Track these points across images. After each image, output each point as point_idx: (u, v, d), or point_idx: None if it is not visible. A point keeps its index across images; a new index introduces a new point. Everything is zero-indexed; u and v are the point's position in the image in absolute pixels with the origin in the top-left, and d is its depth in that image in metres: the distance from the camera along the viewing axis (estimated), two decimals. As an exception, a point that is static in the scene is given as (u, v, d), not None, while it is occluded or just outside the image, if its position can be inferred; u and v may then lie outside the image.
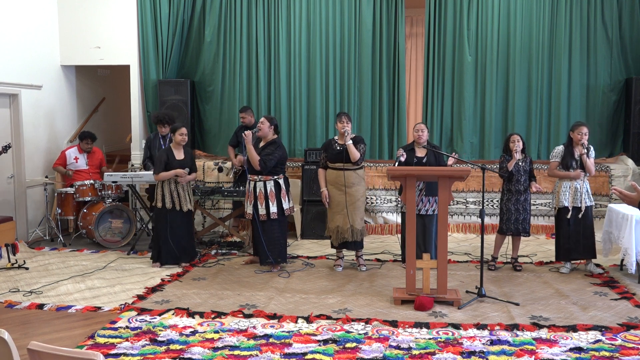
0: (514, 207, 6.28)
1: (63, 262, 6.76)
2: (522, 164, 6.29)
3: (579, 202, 6.06)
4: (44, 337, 4.42)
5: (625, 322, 4.71)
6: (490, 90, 8.35)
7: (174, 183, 6.42)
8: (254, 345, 4.27)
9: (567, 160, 6.09)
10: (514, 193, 6.28)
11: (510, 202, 6.29)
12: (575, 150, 6.08)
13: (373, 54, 8.49)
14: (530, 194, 6.36)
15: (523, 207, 6.28)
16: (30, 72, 7.98)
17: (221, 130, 8.74)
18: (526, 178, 6.29)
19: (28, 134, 7.89)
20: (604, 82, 8.26)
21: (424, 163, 6.23)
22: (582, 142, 6.00)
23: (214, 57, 8.72)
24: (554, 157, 6.21)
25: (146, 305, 5.18)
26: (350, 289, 5.66)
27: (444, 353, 4.12)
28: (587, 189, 6.11)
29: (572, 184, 6.08)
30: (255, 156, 6.16)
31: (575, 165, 6.07)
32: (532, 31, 8.26)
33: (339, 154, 6.21)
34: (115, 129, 10.26)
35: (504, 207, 6.34)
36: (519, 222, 6.28)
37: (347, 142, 6.11)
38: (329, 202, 6.31)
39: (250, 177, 6.29)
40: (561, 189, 6.13)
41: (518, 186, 6.27)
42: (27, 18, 7.96)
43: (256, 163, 6.15)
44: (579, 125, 6.08)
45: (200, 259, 6.78)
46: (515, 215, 6.28)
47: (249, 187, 6.33)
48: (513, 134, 6.40)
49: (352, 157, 6.14)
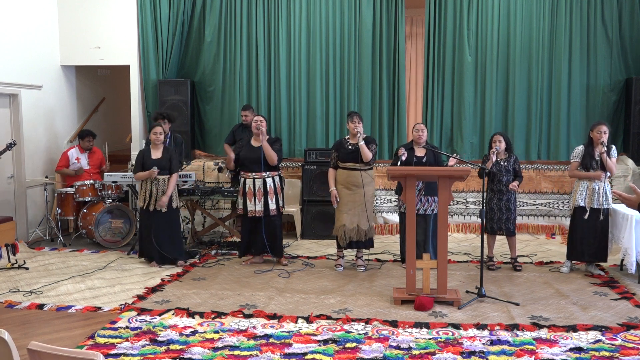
0: (496, 207, 6.26)
1: (63, 262, 6.77)
2: (504, 163, 6.27)
3: (596, 204, 5.99)
4: (44, 337, 4.42)
5: (625, 322, 4.71)
6: (490, 90, 8.35)
7: (149, 182, 6.41)
8: (254, 345, 4.27)
9: (587, 160, 6.01)
10: (496, 192, 6.27)
11: (492, 202, 6.29)
12: (595, 150, 6.01)
13: (373, 54, 8.49)
14: (514, 193, 6.33)
15: (506, 206, 6.25)
16: (30, 72, 7.98)
17: (222, 130, 8.74)
18: (509, 178, 6.27)
19: (28, 134, 7.89)
20: (604, 82, 8.25)
21: (424, 163, 6.23)
22: (601, 140, 5.92)
23: (214, 57, 8.72)
24: (574, 157, 6.15)
25: (146, 306, 5.18)
26: (351, 289, 5.66)
27: (444, 353, 4.12)
28: (606, 191, 5.99)
29: (590, 184, 6.02)
30: (272, 153, 6.27)
31: (595, 166, 6.00)
32: (532, 31, 8.26)
33: (350, 154, 6.21)
34: (115, 129, 10.25)
35: (487, 207, 6.33)
36: (502, 221, 6.26)
37: (360, 143, 6.11)
38: (337, 201, 6.29)
39: (245, 175, 6.35)
40: (578, 189, 6.08)
41: (500, 186, 6.25)
42: (27, 18, 7.96)
43: (274, 159, 6.29)
44: (598, 124, 6.00)
45: (200, 259, 6.77)
46: (498, 214, 6.26)
47: (245, 185, 6.35)
48: (495, 134, 6.39)
49: (365, 158, 6.13)
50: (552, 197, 8.10)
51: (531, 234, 8.12)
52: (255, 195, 6.33)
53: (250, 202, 6.34)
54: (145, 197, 6.42)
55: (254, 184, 6.34)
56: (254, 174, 6.35)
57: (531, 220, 8.15)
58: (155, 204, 6.38)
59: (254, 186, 6.33)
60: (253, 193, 6.34)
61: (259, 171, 6.34)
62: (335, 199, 6.26)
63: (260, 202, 6.33)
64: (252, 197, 6.34)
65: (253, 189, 6.34)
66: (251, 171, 6.36)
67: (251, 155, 6.35)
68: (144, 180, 6.41)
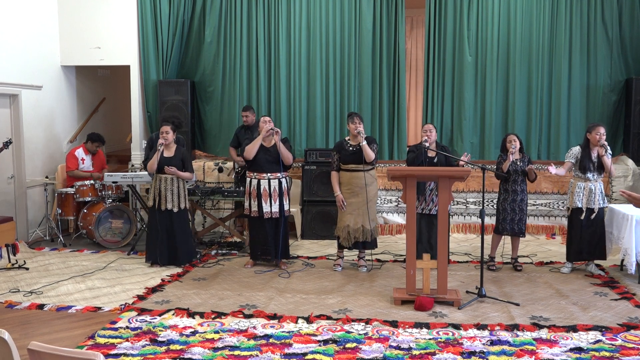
0: (509, 207, 6.27)
1: (63, 263, 6.77)
2: (519, 163, 6.28)
3: (593, 203, 6.01)
4: (44, 337, 4.42)
5: (625, 322, 4.71)
6: (490, 90, 8.34)
7: (159, 181, 6.42)
8: (254, 345, 4.27)
9: (585, 162, 6.01)
10: (510, 193, 6.28)
11: (506, 202, 6.29)
12: (592, 152, 6.02)
13: (373, 54, 8.48)
14: (527, 194, 6.34)
15: (519, 207, 6.26)
16: (30, 73, 7.98)
17: (221, 130, 8.74)
18: (523, 178, 6.29)
19: (28, 134, 7.89)
20: (604, 82, 8.25)
21: (435, 163, 6.22)
22: (601, 142, 5.91)
23: (214, 57, 8.72)
24: (568, 157, 6.14)
25: (146, 306, 5.18)
26: (351, 289, 5.66)
27: (444, 353, 4.12)
28: (600, 190, 6.05)
29: (587, 184, 6.02)
30: (288, 154, 6.28)
31: (592, 168, 6.01)
32: (532, 31, 8.26)
33: (353, 155, 6.19)
34: (115, 129, 10.26)
35: (500, 207, 6.33)
36: (515, 222, 6.27)
37: (362, 143, 6.09)
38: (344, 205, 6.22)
39: (259, 176, 6.29)
40: (575, 190, 6.08)
41: (515, 186, 6.26)
42: (28, 18, 7.96)
43: (290, 159, 6.32)
44: (596, 126, 5.98)
45: (201, 259, 6.77)
46: (511, 215, 6.27)
47: (253, 185, 6.30)
48: (510, 134, 6.41)
49: (368, 158, 6.10)
50: (552, 197, 8.10)
51: (531, 234, 8.11)
52: (270, 196, 6.29)
53: (266, 204, 6.27)
54: (154, 195, 6.42)
55: (269, 184, 6.28)
56: (269, 175, 6.29)
57: (531, 220, 8.13)
58: (165, 204, 6.38)
59: (269, 187, 6.28)
60: (268, 194, 6.28)
61: (275, 172, 6.30)
62: (342, 203, 6.20)
63: (276, 202, 6.29)
64: (267, 199, 6.28)
65: (268, 189, 6.27)
66: (266, 172, 6.29)
67: (266, 156, 6.28)
68: (154, 179, 6.42)
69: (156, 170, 6.39)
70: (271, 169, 6.29)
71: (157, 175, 6.42)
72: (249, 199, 6.36)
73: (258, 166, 6.31)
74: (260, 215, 6.30)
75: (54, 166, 8.36)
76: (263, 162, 6.28)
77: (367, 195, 6.14)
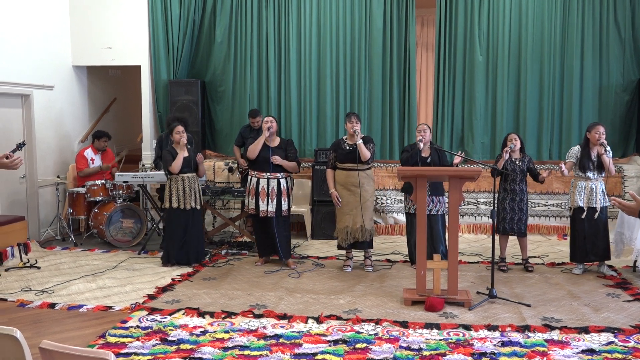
0: (509, 207, 6.24)
1: (74, 262, 6.80)
2: (519, 163, 6.25)
3: (594, 203, 5.99)
4: (56, 336, 4.44)
5: (638, 323, 4.67)
6: (501, 90, 8.30)
7: (181, 181, 6.44)
8: (264, 345, 4.27)
9: (585, 162, 5.99)
10: (509, 192, 6.24)
11: (505, 202, 6.26)
12: (592, 151, 6.00)
13: (383, 54, 8.47)
14: (527, 194, 6.31)
15: (519, 207, 6.23)
16: (42, 73, 8.03)
17: (232, 130, 8.75)
18: (522, 178, 6.25)
19: (40, 134, 7.94)
20: (616, 81, 8.18)
21: (429, 163, 6.21)
22: (600, 141, 5.90)
23: (224, 57, 8.74)
24: (569, 157, 6.12)
25: (157, 305, 5.20)
26: (361, 290, 5.65)
27: (454, 354, 4.10)
28: (602, 189, 6.03)
29: (588, 184, 6.00)
30: (294, 165, 6.39)
31: (592, 167, 5.98)
32: (544, 31, 8.20)
33: (349, 154, 6.21)
34: (126, 129, 10.30)
35: (500, 207, 6.30)
36: (514, 222, 6.23)
37: (358, 142, 6.10)
38: (340, 201, 6.28)
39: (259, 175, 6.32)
40: (576, 189, 6.05)
41: (514, 185, 6.23)
42: (39, 19, 8.02)
43: (296, 169, 6.45)
44: (595, 125, 5.98)
45: (211, 259, 6.79)
46: (510, 214, 6.23)
47: (254, 184, 6.33)
48: (511, 133, 6.41)
49: (363, 157, 6.12)
50: (563, 197, 8.03)
51: (543, 234, 8.07)
52: (268, 195, 6.31)
53: (263, 202, 6.31)
54: (178, 196, 6.43)
55: (268, 184, 6.31)
56: (267, 174, 6.33)
57: (543, 221, 8.09)
58: (190, 203, 6.43)
59: (268, 186, 6.30)
60: (266, 193, 6.31)
61: (274, 171, 6.32)
62: (337, 199, 6.25)
63: (273, 202, 6.30)
64: (264, 197, 6.30)
65: (267, 189, 6.30)
66: (266, 171, 6.32)
67: (267, 156, 6.30)
68: (173, 180, 6.45)
69: (179, 170, 6.43)
70: (272, 169, 6.30)
71: (179, 175, 6.44)
72: (248, 197, 6.44)
73: (259, 165, 6.35)
74: (257, 214, 6.36)
75: (66, 166, 8.41)
76: (264, 161, 6.31)
77: (360, 194, 6.16)
